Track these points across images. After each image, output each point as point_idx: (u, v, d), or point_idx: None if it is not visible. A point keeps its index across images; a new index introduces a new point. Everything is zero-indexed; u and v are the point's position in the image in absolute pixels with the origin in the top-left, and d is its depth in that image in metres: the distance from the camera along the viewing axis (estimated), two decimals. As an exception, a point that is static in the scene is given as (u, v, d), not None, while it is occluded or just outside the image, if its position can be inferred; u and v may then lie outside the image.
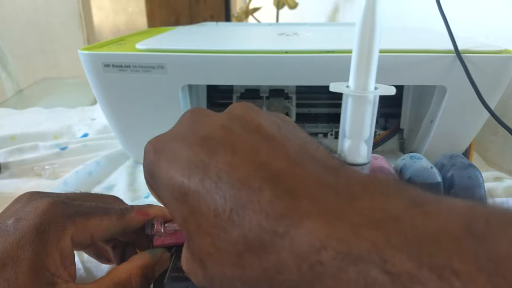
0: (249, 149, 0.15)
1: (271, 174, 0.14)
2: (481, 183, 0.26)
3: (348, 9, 0.98)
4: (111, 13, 2.87)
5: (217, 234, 0.13)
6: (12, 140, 0.52)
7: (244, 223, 0.13)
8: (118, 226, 0.22)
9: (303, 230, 0.12)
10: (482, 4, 0.50)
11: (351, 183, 0.13)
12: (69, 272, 0.20)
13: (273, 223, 0.12)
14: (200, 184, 0.14)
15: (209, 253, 0.14)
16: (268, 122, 0.16)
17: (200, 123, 0.16)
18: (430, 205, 0.12)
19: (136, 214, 0.23)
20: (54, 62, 1.90)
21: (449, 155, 0.28)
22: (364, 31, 0.16)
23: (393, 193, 0.13)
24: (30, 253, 0.18)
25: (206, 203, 0.14)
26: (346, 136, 0.18)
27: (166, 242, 0.23)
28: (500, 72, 0.36)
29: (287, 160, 0.14)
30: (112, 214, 0.22)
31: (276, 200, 0.13)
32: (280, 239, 0.12)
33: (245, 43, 0.44)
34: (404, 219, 0.11)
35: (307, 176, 0.13)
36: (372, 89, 0.17)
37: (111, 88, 0.38)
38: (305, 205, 0.12)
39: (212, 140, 0.15)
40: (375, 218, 0.12)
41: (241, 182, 0.13)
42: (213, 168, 0.14)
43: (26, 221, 0.19)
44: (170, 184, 0.15)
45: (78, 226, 0.20)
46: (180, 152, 0.15)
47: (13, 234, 0.19)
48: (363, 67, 0.17)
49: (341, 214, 0.12)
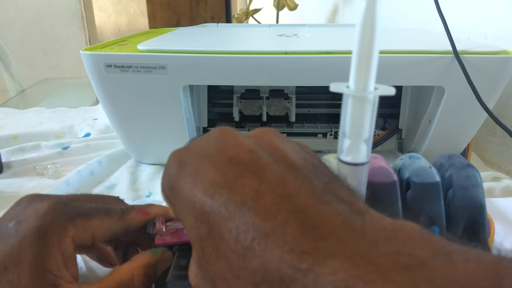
0: (276, 179, 0.14)
1: (297, 208, 0.13)
2: (479, 183, 0.26)
3: (347, 10, 0.98)
4: (113, 14, 2.88)
5: (235, 260, 0.13)
6: (14, 139, 0.52)
7: (265, 253, 0.12)
8: (119, 226, 0.22)
9: (328, 269, 0.12)
10: (480, 5, 0.50)
11: (377, 228, 0.13)
12: (72, 273, 0.20)
13: (296, 258, 0.12)
14: (224, 206, 0.14)
15: (224, 277, 0.13)
16: (294, 152, 0.16)
17: (228, 144, 0.16)
18: (457, 255, 0.12)
19: (137, 214, 0.23)
20: (56, 62, 1.91)
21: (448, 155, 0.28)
22: (364, 32, 0.17)
23: (419, 240, 0.12)
24: (31, 255, 0.18)
25: (228, 227, 0.13)
26: (346, 136, 0.18)
27: (167, 241, 0.23)
28: (498, 72, 0.36)
29: (313, 196, 0.14)
30: (113, 214, 0.22)
31: (301, 236, 0.12)
32: (302, 275, 0.12)
33: (245, 44, 0.44)
34: (432, 266, 0.11)
35: (333, 216, 0.13)
36: (372, 89, 0.18)
37: (113, 88, 0.38)
38: (330, 244, 0.12)
39: (240, 163, 0.15)
40: (402, 263, 0.11)
41: (267, 211, 0.13)
42: (239, 192, 0.14)
43: (27, 223, 0.19)
44: (191, 201, 0.15)
45: (79, 227, 0.20)
46: (206, 170, 0.15)
47: (14, 237, 0.19)
48: (363, 68, 0.17)
49: (367, 257, 0.12)
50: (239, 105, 0.47)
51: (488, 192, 0.38)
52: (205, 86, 0.46)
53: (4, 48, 0.89)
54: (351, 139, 0.18)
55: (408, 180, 0.22)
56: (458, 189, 0.22)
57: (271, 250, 0.12)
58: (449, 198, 0.22)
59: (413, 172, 0.22)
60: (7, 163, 0.45)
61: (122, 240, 0.25)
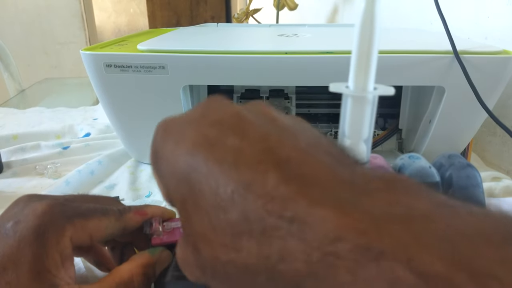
0: (260, 135, 0.14)
1: (280, 159, 0.13)
2: (479, 183, 0.26)
3: (347, 10, 0.98)
4: (113, 14, 2.88)
5: (215, 214, 0.12)
6: (14, 139, 0.52)
7: (246, 204, 0.12)
8: (117, 226, 0.22)
9: (315, 217, 0.11)
10: (480, 5, 0.50)
11: (368, 178, 0.12)
12: (69, 273, 0.20)
13: (278, 205, 0.11)
14: (203, 163, 0.13)
15: (203, 234, 0.13)
16: (283, 116, 0.16)
17: (214, 108, 0.16)
18: (461, 208, 0.11)
19: (134, 214, 0.23)
20: (56, 62, 1.91)
21: (448, 155, 0.28)
22: (364, 32, 0.17)
23: (417, 192, 0.11)
24: (30, 255, 0.18)
25: (207, 182, 0.13)
26: (346, 136, 0.18)
27: (164, 241, 0.23)
28: (498, 72, 0.36)
29: (298, 149, 0.13)
30: (110, 215, 0.22)
31: (284, 183, 0.12)
32: (286, 224, 0.11)
33: (245, 44, 0.44)
34: (435, 217, 0.10)
35: (319, 166, 0.12)
36: (372, 89, 0.18)
37: (113, 88, 0.38)
38: (316, 192, 0.11)
39: (222, 124, 0.15)
40: (399, 213, 0.10)
41: (247, 164, 0.13)
42: (219, 149, 0.13)
43: (25, 223, 0.19)
44: (172, 162, 0.15)
45: (77, 227, 0.20)
46: (188, 133, 0.15)
47: (12, 237, 0.19)
48: (363, 68, 0.17)
49: (359, 206, 0.11)
50: (239, 105, 0.47)
51: (488, 192, 0.38)
52: (205, 86, 0.46)
53: (4, 48, 0.89)
54: (350, 139, 0.18)
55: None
56: (458, 189, 0.22)
57: (252, 200, 0.12)
58: (449, 198, 0.22)
59: (413, 172, 0.22)
60: (7, 162, 0.45)
61: (119, 241, 0.25)
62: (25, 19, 1.82)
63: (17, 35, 1.82)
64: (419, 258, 0.09)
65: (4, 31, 1.75)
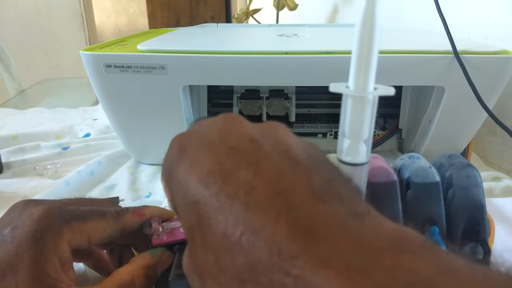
0: (274, 173, 0.14)
1: (290, 205, 0.12)
2: (479, 183, 0.26)
3: (347, 10, 0.98)
4: (113, 14, 2.88)
5: (222, 254, 0.12)
6: (14, 140, 0.52)
7: (253, 251, 0.12)
8: (115, 228, 0.22)
9: (321, 279, 0.11)
10: (480, 5, 0.50)
11: (377, 235, 0.12)
12: (69, 276, 0.20)
13: (285, 261, 0.11)
14: (215, 197, 0.13)
15: (210, 271, 0.13)
16: (299, 146, 0.16)
17: (231, 131, 0.16)
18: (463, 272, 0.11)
19: (132, 215, 0.23)
20: (56, 62, 1.91)
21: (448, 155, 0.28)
22: (364, 32, 0.17)
23: (422, 253, 0.11)
24: (28, 260, 0.18)
25: (217, 219, 0.13)
26: (346, 136, 0.18)
27: (164, 241, 0.23)
28: (498, 72, 0.36)
29: (311, 194, 0.13)
30: (108, 216, 0.22)
31: (292, 236, 0.12)
32: (292, 281, 0.11)
33: (245, 44, 0.44)
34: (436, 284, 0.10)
35: (329, 217, 0.12)
36: (372, 89, 0.18)
37: (112, 89, 0.38)
38: (323, 250, 0.11)
39: (239, 153, 0.14)
40: (403, 279, 0.10)
41: (258, 206, 0.12)
42: (232, 183, 0.13)
43: (22, 229, 0.19)
44: (185, 188, 0.14)
45: (75, 230, 0.20)
46: (204, 158, 0.15)
47: (10, 243, 0.19)
48: (363, 68, 0.17)
49: (364, 270, 0.11)
50: (239, 105, 0.47)
51: (488, 192, 0.38)
52: (205, 86, 0.46)
53: (4, 48, 0.89)
54: (350, 139, 0.18)
55: (408, 180, 0.22)
56: (458, 189, 0.22)
57: (259, 249, 0.12)
58: (449, 198, 0.22)
59: (413, 172, 0.22)
60: (7, 163, 0.45)
61: (117, 242, 0.25)
62: (24, 19, 1.82)
63: (17, 35, 1.82)
64: None
65: (4, 31, 1.75)
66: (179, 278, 0.20)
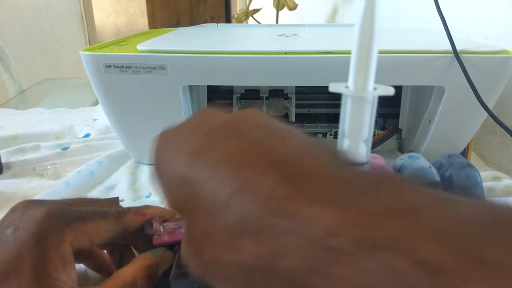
0: (253, 141, 0.14)
1: (275, 161, 0.13)
2: (479, 183, 0.26)
3: (347, 10, 0.98)
4: (112, 14, 2.88)
5: (213, 218, 0.13)
6: (14, 140, 0.52)
7: (243, 205, 0.12)
8: (117, 228, 0.22)
9: (313, 213, 0.11)
10: (480, 4, 0.50)
11: (360, 176, 0.13)
12: (71, 277, 0.20)
13: (276, 204, 0.12)
14: (198, 171, 0.14)
15: (204, 238, 0.13)
16: (275, 123, 0.16)
17: (208, 119, 0.17)
18: (452, 197, 0.11)
19: (133, 215, 0.23)
20: (56, 63, 1.91)
21: (448, 154, 0.28)
22: (364, 32, 0.17)
23: (409, 187, 0.12)
24: (31, 261, 0.18)
25: (203, 189, 0.13)
26: (346, 136, 0.18)
27: (165, 241, 0.23)
28: (498, 72, 0.36)
29: (293, 152, 0.14)
30: (109, 217, 0.22)
31: (281, 183, 0.12)
32: (285, 221, 0.11)
33: (245, 44, 0.44)
34: (428, 208, 0.11)
35: (314, 165, 0.13)
36: (371, 89, 0.18)
37: (112, 89, 0.38)
38: (313, 189, 0.12)
39: (216, 133, 0.15)
40: (395, 207, 0.11)
41: (244, 165, 0.13)
42: (213, 156, 0.14)
43: (24, 229, 0.19)
44: (170, 173, 0.15)
45: (77, 231, 0.20)
46: (184, 144, 0.16)
47: (12, 244, 0.19)
48: (362, 68, 0.17)
49: (355, 201, 0.11)
50: (239, 105, 0.47)
51: (488, 192, 0.38)
52: (204, 86, 0.46)
53: (3, 48, 0.89)
54: (350, 139, 0.18)
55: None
56: (458, 189, 0.22)
57: (248, 201, 0.12)
58: (449, 198, 0.22)
59: (413, 172, 0.22)
60: (7, 163, 0.45)
61: (118, 243, 0.25)
62: (24, 19, 1.82)
63: (17, 35, 1.82)
64: (414, 247, 0.10)
65: (4, 31, 1.75)
66: (180, 277, 0.20)
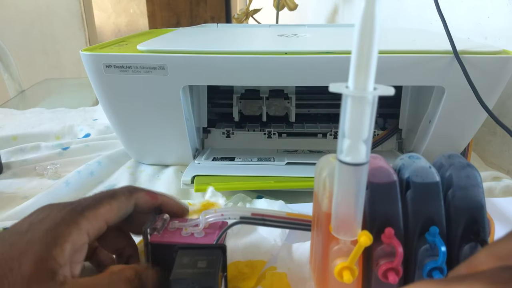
0: None
1: None
2: (479, 183, 0.26)
3: (347, 11, 0.98)
4: (113, 14, 2.88)
5: None
6: (14, 140, 0.52)
7: None
8: (128, 205, 0.23)
9: None
10: (480, 5, 0.50)
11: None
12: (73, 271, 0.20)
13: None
14: None
15: None
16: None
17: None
18: None
19: (145, 194, 0.24)
20: (56, 63, 1.91)
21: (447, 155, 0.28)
22: (363, 32, 0.17)
23: None
24: (38, 246, 0.19)
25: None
26: (346, 136, 0.18)
27: (162, 240, 0.23)
28: (498, 72, 0.36)
29: None
30: (119, 196, 0.23)
31: None
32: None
33: (245, 44, 0.44)
34: None
35: None
36: (371, 89, 0.18)
37: (112, 89, 0.38)
38: None
39: None
40: None
41: None
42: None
43: (39, 224, 0.20)
44: None
45: (90, 218, 0.21)
46: None
47: (25, 234, 0.20)
48: (363, 68, 0.17)
49: None
50: (239, 105, 0.47)
51: (488, 192, 0.38)
52: (205, 86, 0.46)
53: (4, 49, 0.89)
54: (350, 139, 0.18)
55: (408, 180, 0.22)
56: (458, 189, 0.22)
57: None
58: (449, 198, 0.22)
59: (413, 172, 0.22)
60: (7, 163, 0.45)
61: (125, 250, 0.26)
62: (25, 19, 1.82)
63: (17, 35, 1.82)
64: None
65: (4, 32, 1.75)
66: (180, 278, 0.20)
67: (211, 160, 0.43)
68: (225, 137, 0.47)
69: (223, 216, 0.24)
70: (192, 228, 0.24)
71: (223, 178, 0.38)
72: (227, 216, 0.24)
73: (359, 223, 0.19)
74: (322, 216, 0.21)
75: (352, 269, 0.19)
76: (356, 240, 0.19)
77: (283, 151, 0.46)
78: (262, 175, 0.39)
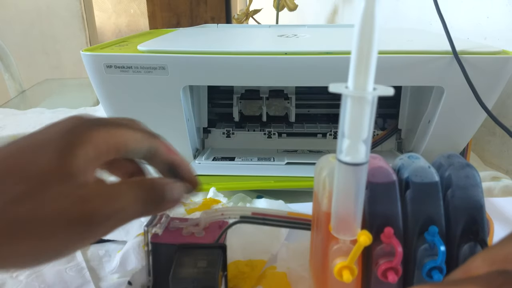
0: None
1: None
2: (479, 183, 0.26)
3: (347, 11, 0.98)
4: (113, 15, 2.88)
5: None
6: (15, 140, 0.52)
7: None
8: (145, 144, 0.22)
9: None
10: (480, 5, 0.50)
11: None
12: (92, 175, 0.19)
13: None
14: None
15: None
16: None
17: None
18: None
19: (164, 146, 0.23)
20: (57, 63, 1.91)
21: (447, 155, 0.28)
22: (363, 32, 0.17)
23: None
24: (60, 142, 0.18)
25: None
26: (345, 136, 0.18)
27: (163, 240, 0.23)
28: (497, 72, 0.36)
29: None
30: (139, 131, 0.21)
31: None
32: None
33: (245, 45, 0.44)
34: None
35: None
36: (371, 90, 0.18)
37: (113, 89, 0.38)
38: None
39: None
40: None
41: None
42: None
43: (55, 128, 0.19)
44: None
45: (111, 132, 0.20)
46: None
47: (41, 134, 0.19)
48: (362, 68, 0.17)
49: None
50: (239, 105, 0.47)
51: (487, 192, 0.38)
52: (205, 86, 0.46)
53: (4, 49, 0.89)
54: (350, 139, 0.18)
55: (407, 180, 0.22)
56: (457, 189, 0.22)
57: None
58: (448, 198, 0.22)
59: (412, 172, 0.22)
60: (8, 163, 0.45)
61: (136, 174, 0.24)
62: (25, 19, 1.82)
63: (18, 35, 1.82)
64: None
65: (5, 32, 1.76)
66: (180, 277, 0.20)
67: (211, 160, 0.43)
68: (225, 137, 0.47)
69: (223, 216, 0.25)
70: (193, 227, 0.24)
71: (223, 178, 0.39)
72: (227, 216, 0.25)
73: (358, 223, 0.20)
74: (322, 215, 0.21)
75: (351, 269, 0.19)
76: (356, 239, 0.19)
77: (283, 151, 0.46)
78: (262, 175, 0.39)
